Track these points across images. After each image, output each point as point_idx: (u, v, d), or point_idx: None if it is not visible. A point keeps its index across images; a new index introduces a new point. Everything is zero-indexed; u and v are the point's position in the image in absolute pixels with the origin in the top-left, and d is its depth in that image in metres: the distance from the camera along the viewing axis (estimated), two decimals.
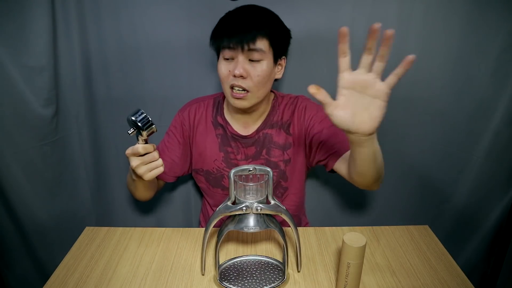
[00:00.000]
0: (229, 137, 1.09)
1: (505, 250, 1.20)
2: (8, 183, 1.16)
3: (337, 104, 0.74)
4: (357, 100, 0.73)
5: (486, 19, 1.11)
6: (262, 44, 0.95)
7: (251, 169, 0.82)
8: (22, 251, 1.28)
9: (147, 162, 0.86)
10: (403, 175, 1.37)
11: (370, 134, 0.76)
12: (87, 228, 1.06)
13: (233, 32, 0.95)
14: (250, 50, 0.94)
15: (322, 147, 1.06)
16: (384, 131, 1.32)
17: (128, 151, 0.85)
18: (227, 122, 1.09)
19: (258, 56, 0.96)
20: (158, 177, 1.07)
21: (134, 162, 0.86)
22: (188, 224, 1.43)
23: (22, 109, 1.12)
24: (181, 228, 1.06)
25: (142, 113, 0.80)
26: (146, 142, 0.85)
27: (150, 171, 0.87)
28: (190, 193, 1.39)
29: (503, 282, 1.24)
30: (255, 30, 0.94)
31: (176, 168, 1.14)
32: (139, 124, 0.80)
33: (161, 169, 0.88)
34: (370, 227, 1.06)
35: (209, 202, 1.22)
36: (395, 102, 1.27)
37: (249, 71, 0.96)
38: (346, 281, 0.78)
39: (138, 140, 0.84)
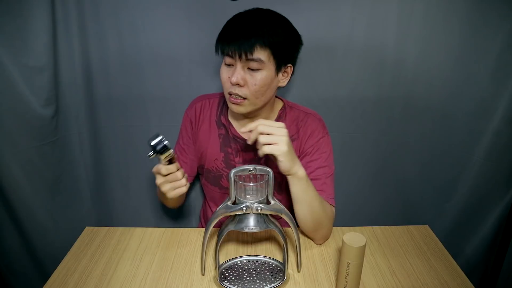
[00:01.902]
0: (231, 138, 1.09)
1: (505, 250, 1.20)
2: (8, 183, 1.16)
3: None
4: None
5: (486, 19, 1.11)
6: (261, 54, 0.92)
7: (251, 169, 0.82)
8: (22, 251, 1.28)
9: (171, 181, 0.90)
10: (403, 175, 1.37)
11: (286, 174, 0.90)
12: (87, 228, 1.06)
13: (232, 39, 0.92)
14: (248, 59, 0.92)
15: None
16: (384, 131, 1.33)
17: (154, 169, 0.90)
18: (229, 123, 1.09)
19: (257, 65, 0.93)
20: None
21: (159, 180, 0.90)
22: (188, 224, 1.43)
23: (22, 109, 1.12)
24: (181, 228, 1.06)
25: (160, 140, 0.84)
26: (170, 162, 0.88)
27: (174, 189, 0.91)
28: (190, 193, 1.39)
29: (503, 282, 1.24)
30: (255, 38, 0.91)
31: (195, 167, 1.17)
32: (156, 149, 0.84)
33: (183, 189, 0.92)
34: (370, 227, 1.06)
35: (208, 199, 1.22)
36: (395, 102, 1.28)
37: (246, 80, 0.94)
38: (346, 281, 0.77)
39: (160, 161, 0.88)
